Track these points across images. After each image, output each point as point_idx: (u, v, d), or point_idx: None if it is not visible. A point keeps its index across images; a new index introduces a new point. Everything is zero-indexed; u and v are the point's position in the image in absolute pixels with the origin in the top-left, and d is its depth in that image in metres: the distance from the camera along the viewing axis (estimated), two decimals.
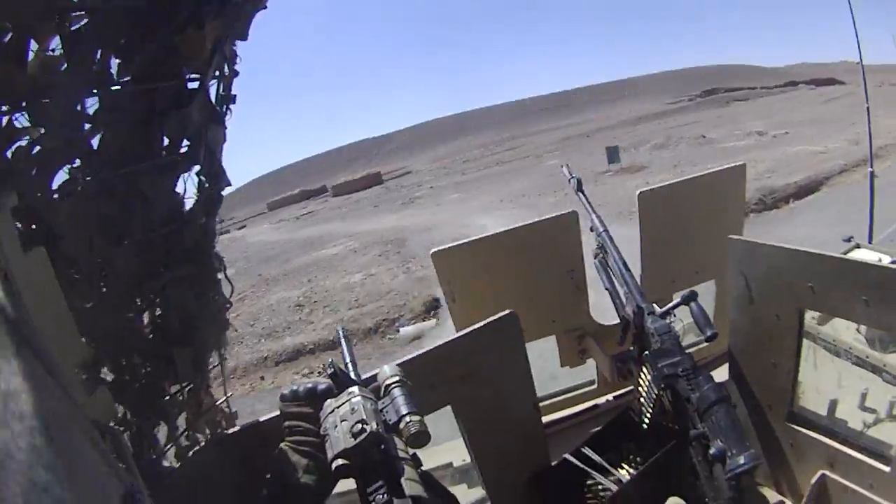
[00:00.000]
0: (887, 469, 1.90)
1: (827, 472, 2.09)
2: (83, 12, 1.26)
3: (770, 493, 2.29)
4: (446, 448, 2.61)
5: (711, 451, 1.59)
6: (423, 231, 23.20)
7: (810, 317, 3.39)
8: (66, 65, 1.25)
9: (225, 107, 1.71)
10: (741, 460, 1.54)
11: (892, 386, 2.94)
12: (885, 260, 3.66)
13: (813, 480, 2.09)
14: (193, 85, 1.51)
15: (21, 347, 0.79)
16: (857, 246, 4.13)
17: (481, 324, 2.00)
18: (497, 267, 2.42)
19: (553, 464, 2.17)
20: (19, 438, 0.68)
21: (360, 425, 1.19)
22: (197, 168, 1.70)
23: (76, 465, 0.83)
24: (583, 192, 2.43)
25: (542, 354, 2.60)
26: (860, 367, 3.23)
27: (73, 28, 1.26)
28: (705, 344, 2.68)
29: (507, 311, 2.01)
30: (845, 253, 3.90)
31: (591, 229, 2.35)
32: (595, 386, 2.76)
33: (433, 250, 2.42)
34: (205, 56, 1.41)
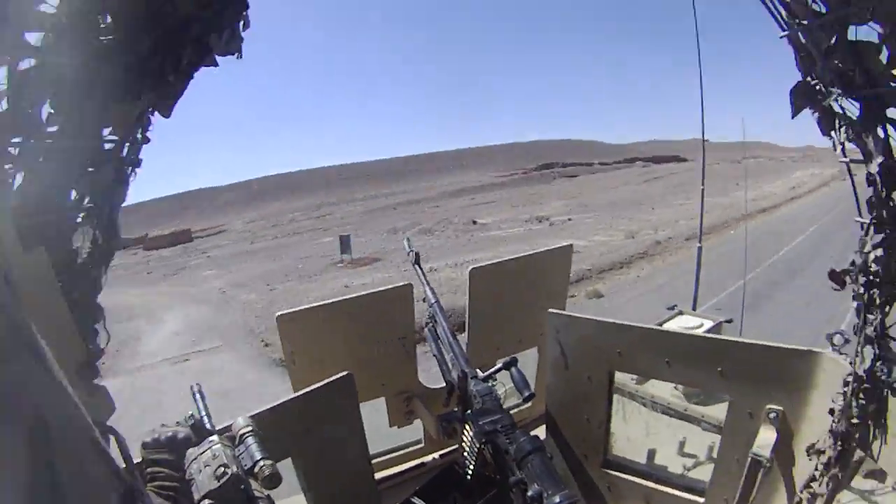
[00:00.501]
0: (702, 500, 2.31)
1: None
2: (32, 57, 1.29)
3: None
4: None
5: (529, 493, 1.71)
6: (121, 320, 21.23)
7: (629, 378, 4.00)
8: (5, 104, 1.25)
9: (131, 169, 1.79)
10: (557, 499, 1.64)
11: (709, 433, 3.40)
12: (707, 323, 4.40)
13: None
14: (109, 146, 1.60)
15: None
16: (681, 313, 4.88)
17: (320, 383, 2.14)
18: (336, 332, 2.55)
19: None
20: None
21: (222, 468, 1.34)
22: (95, 223, 1.74)
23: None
24: (419, 266, 2.65)
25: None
26: (680, 420, 3.74)
27: (20, 68, 1.26)
28: (526, 406, 3.06)
29: (343, 373, 2.17)
30: (669, 319, 4.60)
31: (424, 300, 2.55)
32: (422, 445, 2.93)
33: (278, 313, 2.50)
34: (129, 122, 1.52)
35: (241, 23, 1.52)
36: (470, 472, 1.97)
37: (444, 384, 2.35)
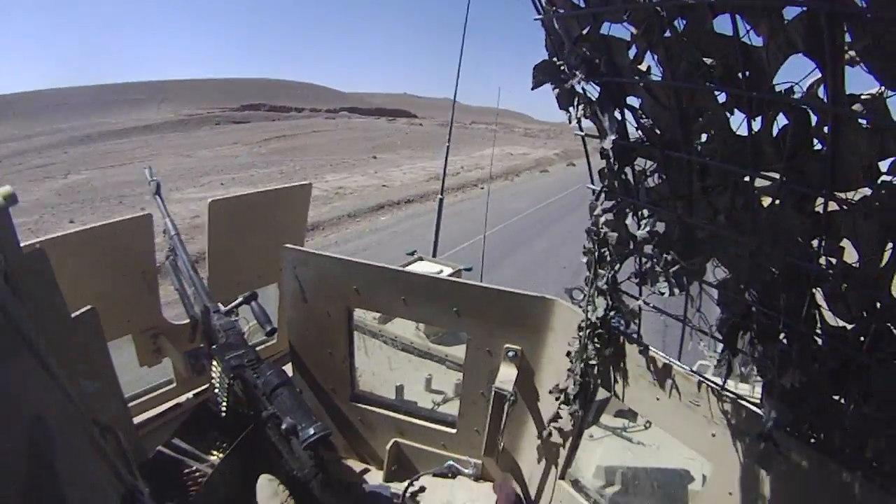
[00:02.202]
0: (453, 431, 2.52)
1: (399, 439, 2.60)
2: None
3: (355, 464, 2.72)
4: None
5: (283, 426, 1.76)
6: None
7: (372, 317, 4.10)
8: None
9: None
10: (311, 431, 1.73)
11: (454, 372, 3.60)
12: (446, 270, 4.52)
13: (388, 447, 2.57)
14: None
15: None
16: (421, 258, 5.06)
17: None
18: (74, 266, 2.24)
19: (150, 457, 2.14)
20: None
21: None
22: None
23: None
24: (160, 196, 2.46)
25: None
26: (424, 358, 3.93)
27: None
28: (271, 342, 3.11)
29: (87, 307, 1.93)
30: (409, 263, 4.67)
31: (164, 232, 2.44)
32: (174, 385, 2.79)
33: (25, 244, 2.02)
34: None
35: None
36: (224, 409, 1.95)
37: (189, 320, 2.32)
